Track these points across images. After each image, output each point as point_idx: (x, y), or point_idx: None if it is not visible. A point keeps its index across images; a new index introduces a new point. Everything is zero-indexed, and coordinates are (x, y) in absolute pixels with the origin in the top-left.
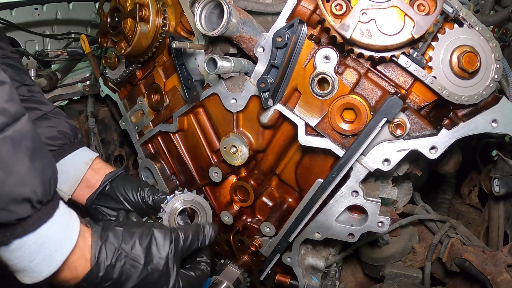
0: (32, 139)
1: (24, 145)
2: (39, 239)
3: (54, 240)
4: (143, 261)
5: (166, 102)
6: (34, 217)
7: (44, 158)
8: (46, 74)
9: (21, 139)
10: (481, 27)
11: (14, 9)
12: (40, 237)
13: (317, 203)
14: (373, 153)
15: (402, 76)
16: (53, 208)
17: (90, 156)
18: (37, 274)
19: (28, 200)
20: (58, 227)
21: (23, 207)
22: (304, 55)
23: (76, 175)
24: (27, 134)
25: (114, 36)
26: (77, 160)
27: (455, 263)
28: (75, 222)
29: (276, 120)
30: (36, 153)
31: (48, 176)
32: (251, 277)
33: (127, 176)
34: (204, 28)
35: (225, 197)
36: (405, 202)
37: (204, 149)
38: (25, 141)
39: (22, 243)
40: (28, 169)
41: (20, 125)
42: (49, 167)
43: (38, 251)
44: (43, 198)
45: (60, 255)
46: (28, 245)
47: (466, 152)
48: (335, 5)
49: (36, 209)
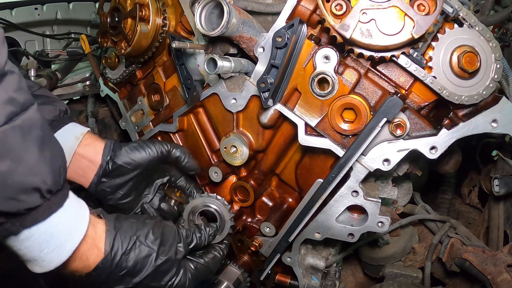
0: (41, 128)
1: (33, 134)
2: (49, 229)
3: (65, 229)
4: (157, 250)
5: (166, 102)
6: (44, 207)
7: (54, 147)
8: (46, 74)
9: (30, 128)
10: (481, 27)
11: (14, 9)
12: (50, 227)
13: (317, 203)
14: (373, 153)
15: (402, 76)
16: (63, 197)
17: (81, 130)
18: (47, 264)
19: (37, 190)
20: (68, 216)
21: (33, 197)
22: (304, 55)
23: (67, 151)
24: (36, 123)
25: (114, 36)
26: (67, 135)
27: (455, 263)
28: (85, 211)
29: (276, 120)
30: (45, 142)
31: (57, 165)
32: (251, 277)
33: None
34: (204, 28)
35: (225, 197)
36: (405, 202)
37: (204, 149)
38: (34, 130)
39: (32, 232)
40: (37, 158)
41: (29, 114)
42: (58, 156)
43: (48, 241)
44: (53, 188)
45: (70, 244)
46: (38, 235)
47: (466, 152)
48: (335, 5)
49: (46, 199)
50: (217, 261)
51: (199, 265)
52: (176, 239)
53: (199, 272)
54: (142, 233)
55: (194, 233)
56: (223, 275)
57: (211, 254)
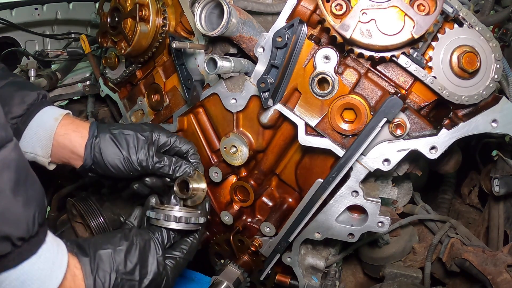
0: (16, 169)
1: (5, 177)
2: (21, 276)
3: (38, 277)
4: (139, 276)
5: (166, 102)
6: (15, 254)
7: (30, 190)
8: (46, 74)
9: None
10: (481, 27)
11: (14, 9)
12: (22, 274)
13: (317, 203)
14: (373, 153)
15: (402, 76)
16: (37, 244)
17: (60, 111)
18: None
19: (7, 238)
20: (43, 263)
21: (2, 245)
22: (304, 55)
23: (47, 134)
24: (11, 163)
25: (114, 36)
26: (45, 117)
27: (455, 263)
28: (63, 257)
29: (276, 120)
30: (19, 185)
31: (32, 210)
32: (251, 277)
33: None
34: (204, 28)
35: (225, 197)
36: (405, 202)
37: (204, 149)
38: (6, 172)
39: (2, 278)
40: (8, 203)
41: (3, 153)
42: (33, 200)
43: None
44: (25, 235)
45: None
46: (9, 281)
47: (466, 152)
48: (335, 5)
49: (17, 246)
50: (193, 249)
51: (178, 258)
52: (154, 253)
53: (178, 266)
54: (121, 264)
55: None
56: (223, 275)
57: (187, 242)
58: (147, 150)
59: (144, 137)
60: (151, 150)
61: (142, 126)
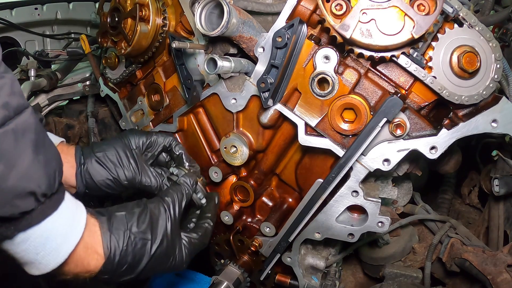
0: (35, 131)
1: (27, 138)
2: (44, 232)
3: (60, 232)
4: (151, 236)
5: (166, 102)
6: (38, 210)
7: (48, 151)
8: (46, 74)
9: (24, 132)
10: (481, 27)
11: (14, 9)
12: (45, 230)
13: (317, 203)
14: (373, 153)
15: (402, 76)
16: (58, 200)
17: (54, 140)
18: (44, 266)
19: (32, 194)
20: (64, 220)
21: (27, 201)
22: (304, 55)
23: None
24: (30, 126)
25: (114, 36)
26: None
27: (455, 263)
28: (81, 214)
29: (276, 120)
30: (39, 146)
31: (52, 168)
32: (251, 277)
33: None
34: (204, 28)
35: (225, 197)
36: (405, 202)
37: (204, 149)
38: (28, 134)
39: (27, 236)
40: (31, 162)
41: (22, 118)
42: (53, 159)
43: (44, 244)
44: (48, 191)
45: (66, 247)
46: (33, 238)
47: (466, 152)
48: (335, 5)
49: (40, 202)
50: (208, 233)
51: (193, 239)
52: (164, 218)
53: (193, 247)
54: (134, 224)
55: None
56: (223, 275)
57: (202, 227)
58: (133, 165)
59: (125, 152)
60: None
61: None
